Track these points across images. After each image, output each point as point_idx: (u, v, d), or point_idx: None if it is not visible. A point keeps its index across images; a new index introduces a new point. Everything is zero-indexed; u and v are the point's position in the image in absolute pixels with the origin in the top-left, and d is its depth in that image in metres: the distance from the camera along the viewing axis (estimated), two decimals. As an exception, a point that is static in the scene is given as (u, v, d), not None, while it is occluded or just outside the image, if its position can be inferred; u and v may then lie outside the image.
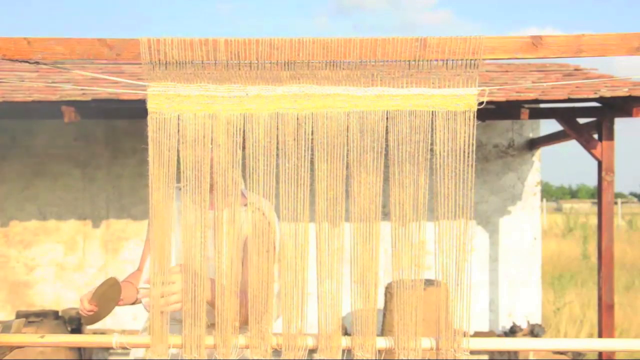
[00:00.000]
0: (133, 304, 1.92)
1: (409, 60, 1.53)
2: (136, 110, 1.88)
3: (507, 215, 6.10)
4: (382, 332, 4.70)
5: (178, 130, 1.57)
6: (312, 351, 1.60)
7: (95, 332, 5.61)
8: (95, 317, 1.79)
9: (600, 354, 5.01)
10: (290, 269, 1.58)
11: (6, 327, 1.75)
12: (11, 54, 1.57)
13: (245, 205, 1.63)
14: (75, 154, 5.98)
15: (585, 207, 32.12)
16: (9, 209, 6.04)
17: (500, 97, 4.39)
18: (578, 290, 8.82)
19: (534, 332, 5.54)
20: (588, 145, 4.94)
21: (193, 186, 1.58)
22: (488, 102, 1.57)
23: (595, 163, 5.00)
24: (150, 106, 1.57)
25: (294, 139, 1.56)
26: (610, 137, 4.91)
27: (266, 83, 1.56)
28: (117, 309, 1.88)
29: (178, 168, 1.59)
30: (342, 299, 1.58)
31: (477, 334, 5.51)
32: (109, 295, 1.77)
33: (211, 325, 1.63)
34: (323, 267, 1.57)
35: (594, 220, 12.75)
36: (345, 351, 1.61)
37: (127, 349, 1.64)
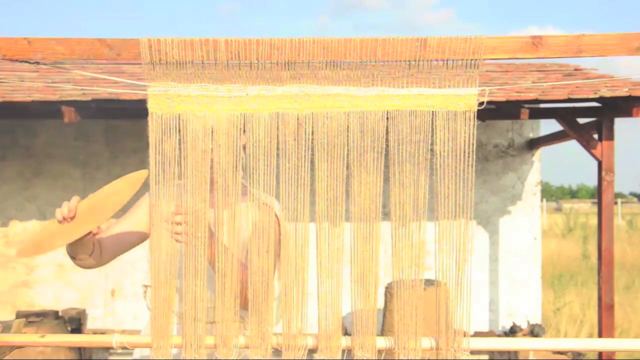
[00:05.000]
0: (76, 254, 1.77)
1: (409, 60, 1.53)
2: (136, 110, 1.88)
3: (507, 215, 6.10)
4: (382, 332, 4.70)
5: (178, 130, 1.58)
6: (312, 351, 1.60)
7: (95, 332, 5.61)
8: (60, 233, 1.65)
9: (600, 354, 5.01)
10: (290, 269, 1.58)
11: (6, 327, 1.75)
12: (11, 54, 1.57)
13: (246, 201, 1.63)
14: (75, 154, 5.98)
15: (585, 207, 32.12)
16: (9, 209, 6.04)
17: (500, 97, 4.39)
18: (578, 290, 8.82)
19: (534, 332, 5.54)
20: (588, 145, 4.94)
21: (194, 186, 1.58)
22: (488, 102, 1.57)
23: (595, 163, 5.01)
24: (150, 106, 1.57)
25: (294, 139, 1.56)
26: (610, 137, 4.91)
27: (266, 83, 1.57)
28: (117, 308, 1.86)
29: (178, 168, 1.60)
30: (342, 299, 1.58)
31: (477, 334, 5.51)
32: (102, 207, 1.66)
33: (211, 323, 1.63)
34: (323, 267, 1.58)
35: (594, 220, 12.75)
36: (345, 351, 1.61)
37: (127, 348, 1.64)
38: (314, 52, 1.52)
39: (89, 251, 1.79)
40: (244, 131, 1.58)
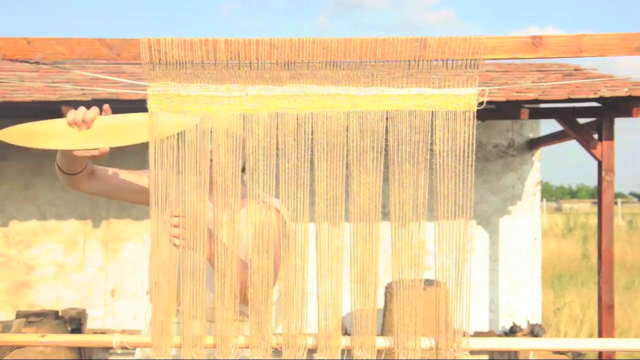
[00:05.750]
0: (74, 172, 1.73)
1: (409, 60, 1.53)
2: (136, 110, 1.89)
3: (507, 215, 6.10)
4: (382, 332, 4.71)
5: (178, 130, 1.57)
6: (312, 351, 1.60)
7: (95, 332, 5.61)
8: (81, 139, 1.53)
9: (600, 354, 5.01)
10: (290, 269, 1.58)
11: (6, 327, 1.75)
12: (11, 54, 1.57)
13: (246, 204, 1.63)
14: (75, 154, 5.98)
15: (585, 207, 32.12)
16: (9, 209, 6.04)
17: (500, 97, 4.39)
18: (578, 290, 8.82)
19: (534, 332, 5.54)
20: (588, 145, 4.94)
21: (193, 186, 1.58)
22: (488, 102, 1.57)
23: (595, 163, 5.01)
24: (150, 106, 1.57)
25: (294, 139, 1.56)
26: (610, 137, 4.91)
27: (266, 83, 1.57)
28: (117, 308, 1.85)
29: (178, 168, 1.60)
30: (342, 298, 1.58)
31: (477, 334, 5.51)
32: (125, 130, 1.53)
33: (211, 322, 1.63)
34: (323, 267, 1.58)
35: (594, 220, 12.75)
36: (345, 351, 1.61)
37: (127, 348, 1.64)
38: (313, 52, 1.52)
39: (77, 169, 1.72)
40: (244, 141, 1.58)
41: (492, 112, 5.10)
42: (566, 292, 8.20)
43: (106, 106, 1.62)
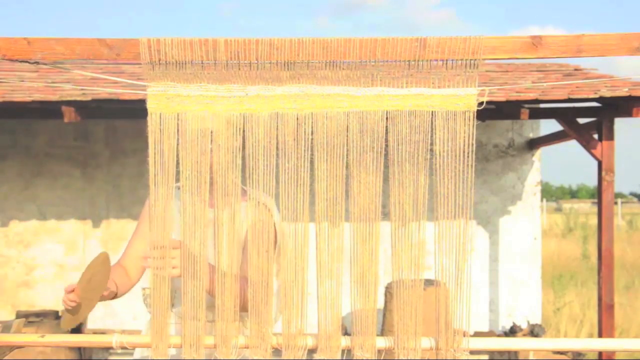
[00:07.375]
0: (113, 298, 1.86)
1: (408, 60, 1.53)
2: (136, 110, 1.89)
3: (507, 215, 6.10)
4: (382, 332, 4.71)
5: (178, 130, 1.58)
6: (312, 351, 1.60)
7: (95, 332, 5.61)
8: (78, 311, 1.70)
9: (600, 354, 5.01)
10: (290, 269, 1.58)
11: (6, 327, 1.75)
12: (11, 54, 1.57)
13: (245, 201, 1.63)
14: (75, 153, 5.98)
15: (585, 207, 32.12)
16: (9, 209, 6.04)
17: (500, 97, 4.39)
18: (578, 290, 8.81)
19: (534, 332, 5.54)
20: (588, 145, 4.94)
21: (193, 186, 1.58)
22: (488, 102, 1.57)
23: (595, 163, 5.00)
24: (150, 106, 1.57)
25: (294, 139, 1.56)
26: (610, 137, 4.91)
27: (266, 83, 1.57)
28: (117, 308, 1.86)
29: (178, 168, 1.60)
30: (342, 299, 1.58)
31: (477, 334, 5.50)
32: (95, 282, 1.69)
33: (211, 322, 1.63)
34: (323, 267, 1.58)
35: (594, 220, 12.75)
36: (345, 351, 1.61)
37: (127, 348, 1.64)
38: (313, 52, 1.52)
39: (112, 295, 1.84)
40: (243, 141, 1.58)
41: (492, 112, 5.09)
42: (566, 292, 8.20)
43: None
